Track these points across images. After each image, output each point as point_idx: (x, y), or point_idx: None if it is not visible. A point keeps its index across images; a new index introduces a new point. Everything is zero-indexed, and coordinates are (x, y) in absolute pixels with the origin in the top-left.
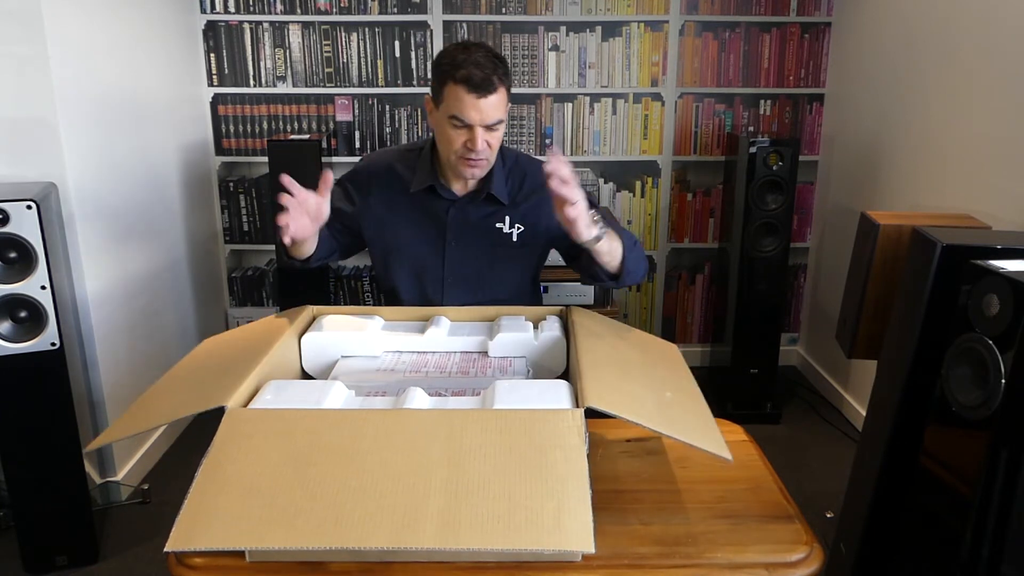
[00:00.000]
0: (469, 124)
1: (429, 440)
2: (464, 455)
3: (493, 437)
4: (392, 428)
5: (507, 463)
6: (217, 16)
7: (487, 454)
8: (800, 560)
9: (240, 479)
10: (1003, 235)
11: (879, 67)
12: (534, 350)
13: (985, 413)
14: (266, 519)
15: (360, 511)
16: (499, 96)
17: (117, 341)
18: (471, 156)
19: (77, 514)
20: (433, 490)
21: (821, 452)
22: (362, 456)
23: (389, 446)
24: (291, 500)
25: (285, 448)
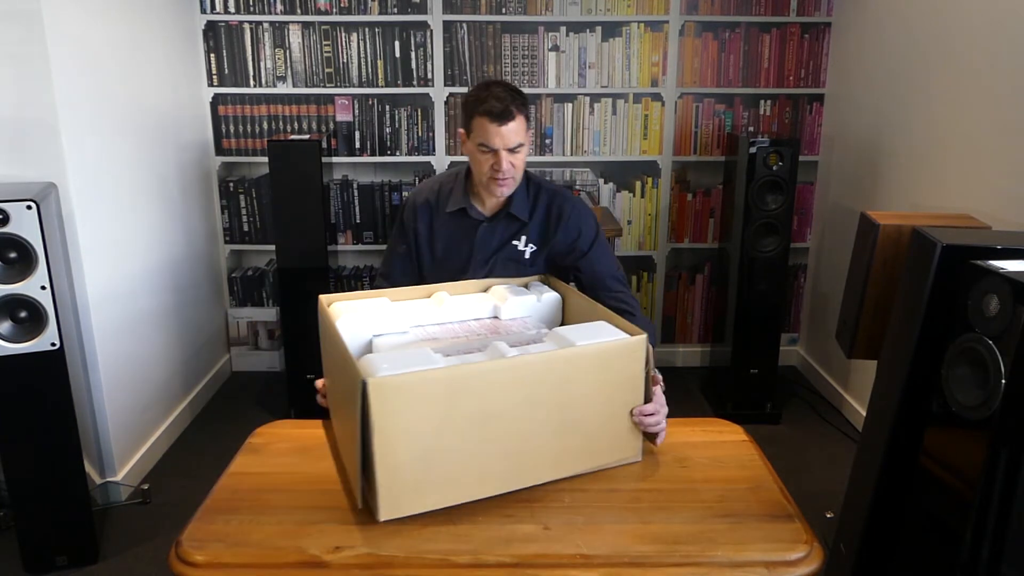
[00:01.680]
0: (494, 149)
1: (538, 384)
2: (568, 393)
3: (585, 374)
4: (510, 376)
5: (600, 389)
6: (217, 16)
7: (587, 382)
8: (800, 559)
9: (410, 446)
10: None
11: (879, 67)
12: (538, 310)
13: (985, 413)
14: (447, 478)
15: (504, 457)
16: (518, 123)
17: (117, 341)
18: (498, 176)
19: (77, 514)
20: (548, 430)
21: (821, 452)
22: (496, 406)
23: (509, 395)
24: (457, 457)
25: (435, 411)
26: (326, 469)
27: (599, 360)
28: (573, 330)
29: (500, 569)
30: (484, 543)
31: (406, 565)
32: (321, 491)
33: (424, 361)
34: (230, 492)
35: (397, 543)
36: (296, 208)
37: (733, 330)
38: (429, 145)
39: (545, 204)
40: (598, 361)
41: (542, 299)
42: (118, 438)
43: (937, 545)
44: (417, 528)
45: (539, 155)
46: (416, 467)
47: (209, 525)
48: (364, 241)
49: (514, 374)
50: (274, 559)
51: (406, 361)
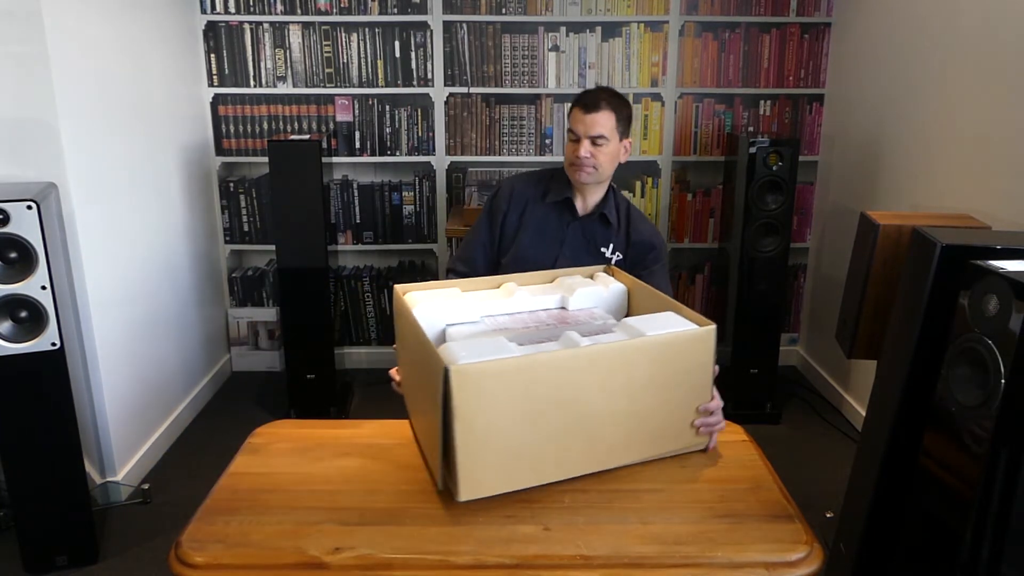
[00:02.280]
0: (577, 135)
1: (611, 371)
2: (639, 380)
3: (656, 364)
4: (584, 363)
5: (671, 377)
6: (217, 16)
7: (659, 371)
8: (800, 559)
9: (488, 431)
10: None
11: (879, 67)
12: (605, 300)
13: (985, 413)
14: (523, 461)
15: (576, 443)
16: (603, 115)
17: (117, 341)
18: (578, 163)
19: (77, 514)
20: (620, 416)
21: (821, 452)
22: (570, 393)
23: (583, 382)
24: (532, 441)
25: (513, 397)
26: (326, 469)
27: (670, 349)
28: (642, 320)
29: (500, 570)
30: (484, 543)
31: (406, 566)
32: (321, 491)
33: (501, 350)
34: (230, 492)
35: (397, 544)
36: (296, 208)
37: (733, 330)
38: (429, 145)
39: (626, 214)
40: (669, 350)
41: (609, 289)
42: (118, 438)
43: (937, 545)
44: (417, 529)
45: (539, 155)
46: (494, 450)
47: (209, 526)
48: (364, 241)
49: (588, 362)
50: (274, 560)
51: (484, 349)
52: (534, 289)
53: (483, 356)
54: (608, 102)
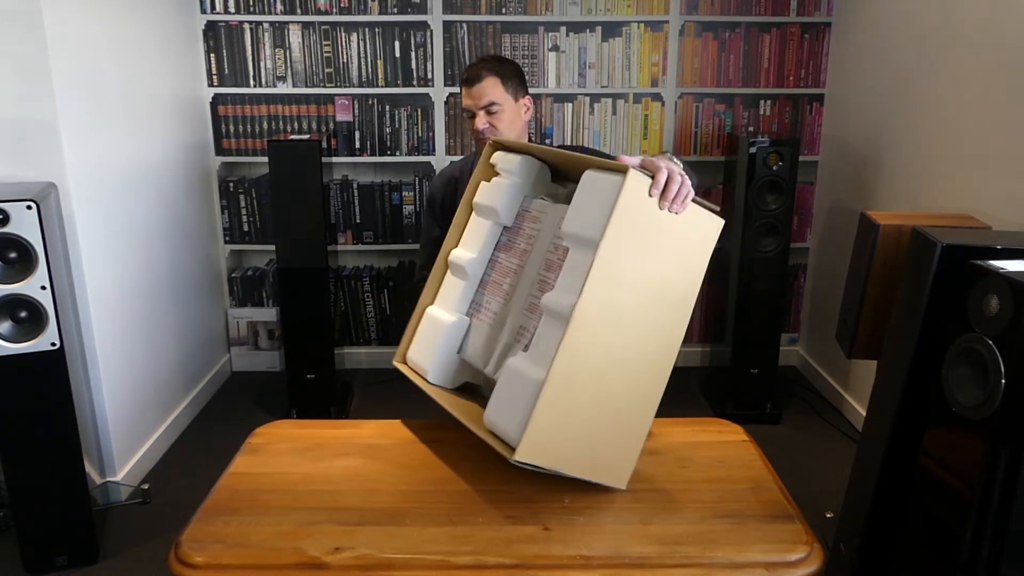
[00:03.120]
0: (470, 111)
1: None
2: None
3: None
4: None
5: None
6: (217, 16)
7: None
8: (800, 560)
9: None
10: (1003, 235)
11: (879, 67)
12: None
13: (985, 413)
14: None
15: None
16: (487, 83)
17: (117, 341)
18: (481, 136)
19: (77, 514)
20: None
21: (821, 452)
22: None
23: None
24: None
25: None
26: (326, 469)
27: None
28: (575, 216)
29: (500, 570)
30: (484, 544)
31: (406, 566)
32: (321, 492)
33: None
34: (230, 492)
35: (397, 544)
36: (296, 208)
37: (733, 330)
38: (429, 145)
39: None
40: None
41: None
42: (118, 438)
43: (937, 545)
44: (417, 529)
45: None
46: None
47: (208, 526)
48: (364, 241)
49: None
50: (274, 560)
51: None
52: (473, 244)
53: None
54: (489, 69)
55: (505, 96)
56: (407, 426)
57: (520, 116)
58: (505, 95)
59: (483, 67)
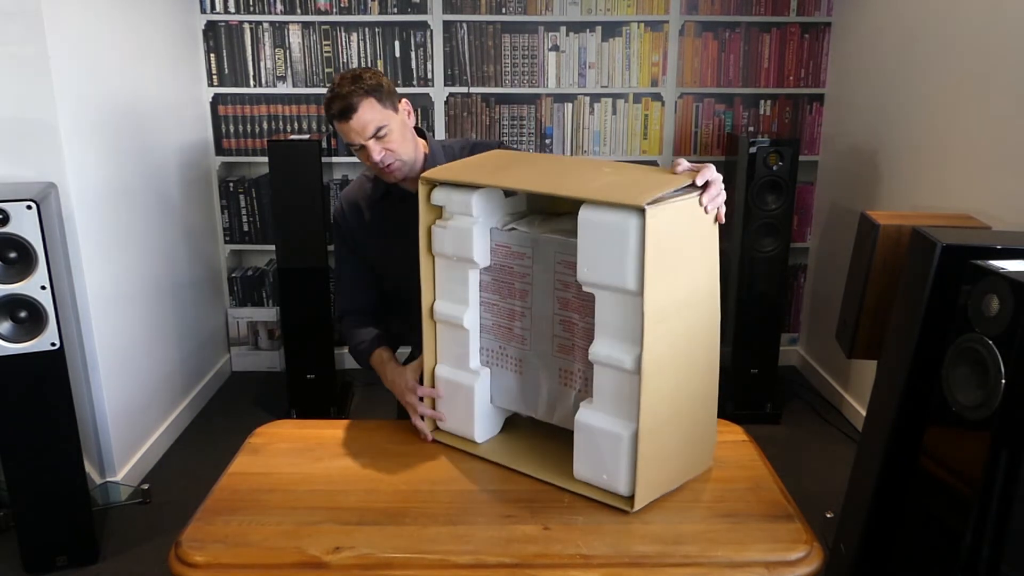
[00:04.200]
0: (358, 145)
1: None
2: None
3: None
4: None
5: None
6: (217, 16)
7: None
8: (800, 559)
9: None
10: (1003, 235)
11: (879, 67)
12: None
13: (985, 413)
14: None
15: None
16: (364, 109)
17: (117, 341)
18: (381, 168)
19: (77, 514)
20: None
21: (821, 452)
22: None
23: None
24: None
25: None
26: (326, 469)
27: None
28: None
29: (500, 569)
30: (484, 543)
31: (406, 566)
32: (321, 491)
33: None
34: (230, 492)
35: (397, 543)
36: (296, 208)
37: (733, 330)
38: None
39: (461, 154)
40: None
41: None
42: (118, 438)
43: (937, 545)
44: (417, 529)
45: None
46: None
47: (209, 526)
48: None
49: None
50: (274, 560)
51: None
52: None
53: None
54: (359, 92)
55: (387, 114)
56: (407, 426)
57: (407, 126)
58: (386, 112)
59: (352, 93)
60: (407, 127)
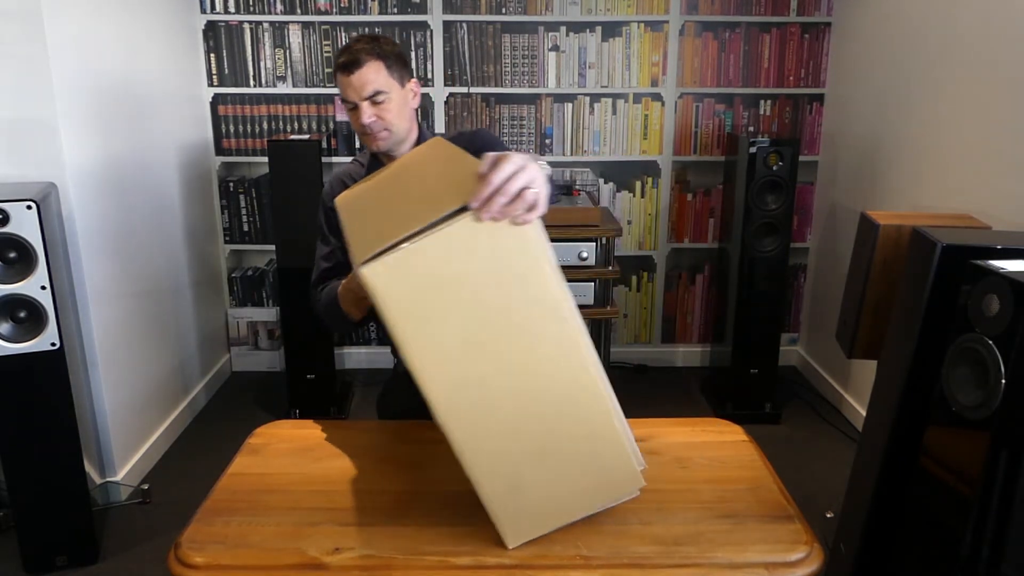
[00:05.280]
0: (352, 102)
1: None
2: None
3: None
4: None
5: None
6: (217, 16)
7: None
8: (800, 560)
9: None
10: (1003, 235)
11: (879, 67)
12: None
13: (985, 413)
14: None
15: None
16: (369, 68)
17: (117, 341)
18: (367, 132)
19: (77, 514)
20: None
21: (821, 452)
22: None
23: None
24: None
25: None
26: (326, 469)
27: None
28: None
29: (500, 570)
30: (484, 544)
31: (406, 567)
32: (320, 492)
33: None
34: (229, 493)
35: (396, 544)
36: (296, 208)
37: (733, 330)
38: None
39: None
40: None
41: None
42: (118, 438)
43: (937, 545)
44: (417, 529)
45: (539, 155)
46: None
47: (208, 527)
48: None
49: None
50: (273, 561)
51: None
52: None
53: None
54: (370, 52)
55: (391, 82)
56: (407, 426)
57: (408, 103)
58: (391, 81)
59: (362, 50)
60: (407, 105)
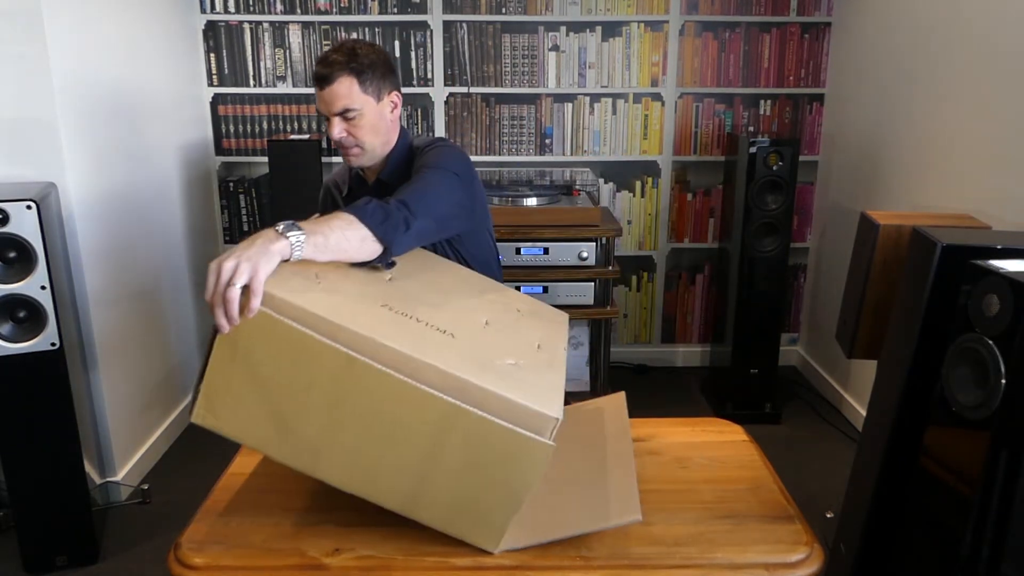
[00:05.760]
0: (327, 116)
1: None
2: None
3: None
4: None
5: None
6: (217, 16)
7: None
8: (800, 560)
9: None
10: (1003, 235)
11: (879, 67)
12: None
13: (985, 413)
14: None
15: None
16: (340, 84)
17: (117, 341)
18: (339, 147)
19: (77, 514)
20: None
21: (821, 452)
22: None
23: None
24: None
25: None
26: None
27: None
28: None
29: (500, 571)
30: None
31: (406, 567)
32: (321, 492)
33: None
34: (230, 493)
35: (396, 544)
36: (296, 208)
37: (733, 330)
38: None
39: (411, 163)
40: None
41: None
42: (118, 438)
43: (937, 545)
44: (417, 529)
45: (539, 155)
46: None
47: (208, 527)
48: None
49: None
50: (273, 561)
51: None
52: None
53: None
54: (343, 65)
55: (363, 98)
56: None
57: (384, 118)
58: (363, 97)
59: (336, 63)
60: (383, 119)
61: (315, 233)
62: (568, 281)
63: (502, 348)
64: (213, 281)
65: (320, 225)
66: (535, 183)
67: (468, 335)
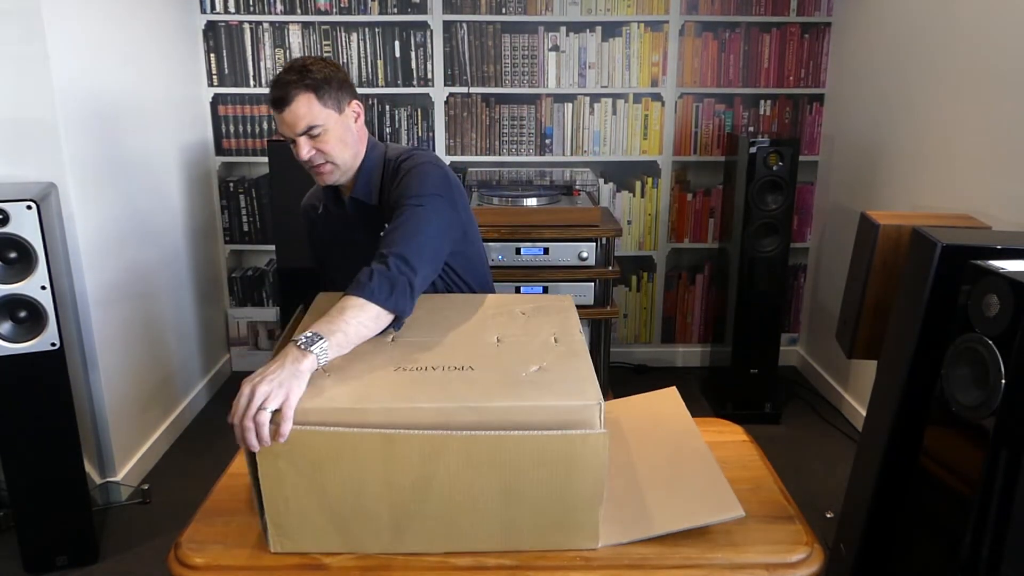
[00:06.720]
0: (292, 139)
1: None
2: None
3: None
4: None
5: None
6: (217, 16)
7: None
8: (800, 560)
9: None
10: (1003, 235)
11: (879, 67)
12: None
13: (985, 413)
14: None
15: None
16: (299, 103)
17: (117, 341)
18: (310, 166)
19: (77, 514)
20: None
21: (821, 452)
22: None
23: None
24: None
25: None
26: None
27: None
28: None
29: (500, 571)
30: None
31: (406, 567)
32: None
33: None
34: (230, 493)
35: None
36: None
37: (733, 330)
38: (429, 145)
39: (392, 176)
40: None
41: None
42: (118, 438)
43: (937, 545)
44: None
45: (539, 155)
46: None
47: (208, 527)
48: None
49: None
50: (273, 561)
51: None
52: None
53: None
54: (298, 83)
55: (325, 112)
56: None
57: (350, 129)
58: (324, 111)
59: (290, 83)
60: (349, 130)
61: (334, 333)
62: (568, 281)
63: (522, 358)
64: (245, 404)
65: (335, 323)
66: (535, 183)
67: (486, 361)
